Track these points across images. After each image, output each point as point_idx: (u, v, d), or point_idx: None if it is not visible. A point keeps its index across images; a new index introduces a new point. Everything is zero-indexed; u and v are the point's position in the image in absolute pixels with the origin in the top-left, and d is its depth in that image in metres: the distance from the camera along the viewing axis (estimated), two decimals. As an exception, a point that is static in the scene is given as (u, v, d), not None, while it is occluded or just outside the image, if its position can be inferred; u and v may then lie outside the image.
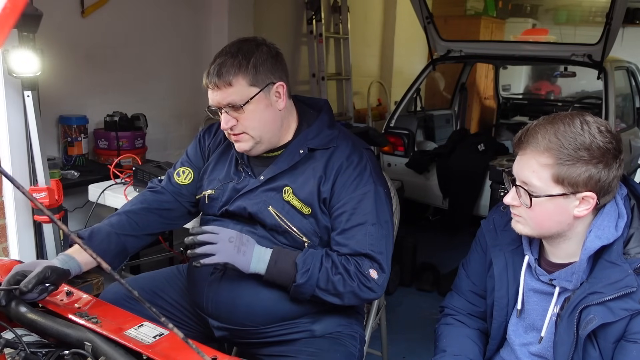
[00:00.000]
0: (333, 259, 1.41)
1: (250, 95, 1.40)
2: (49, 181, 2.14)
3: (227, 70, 1.38)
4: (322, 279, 1.39)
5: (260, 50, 1.42)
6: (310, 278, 1.38)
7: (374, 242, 1.42)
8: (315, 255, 1.41)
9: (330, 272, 1.39)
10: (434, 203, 4.25)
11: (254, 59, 1.40)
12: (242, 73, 1.39)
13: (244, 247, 1.37)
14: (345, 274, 1.40)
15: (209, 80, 1.41)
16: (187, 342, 0.81)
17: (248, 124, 1.43)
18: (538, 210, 1.19)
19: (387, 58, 6.38)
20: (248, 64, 1.39)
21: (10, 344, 1.08)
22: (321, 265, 1.40)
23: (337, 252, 1.43)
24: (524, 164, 1.20)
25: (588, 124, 1.16)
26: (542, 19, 7.23)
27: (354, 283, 1.40)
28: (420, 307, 3.26)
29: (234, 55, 1.40)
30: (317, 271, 1.39)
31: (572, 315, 1.19)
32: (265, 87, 1.42)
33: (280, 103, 1.46)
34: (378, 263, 1.42)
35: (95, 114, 3.06)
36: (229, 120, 1.43)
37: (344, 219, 1.44)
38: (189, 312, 1.63)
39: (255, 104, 1.41)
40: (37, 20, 1.91)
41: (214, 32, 3.75)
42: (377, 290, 1.42)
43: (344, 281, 1.40)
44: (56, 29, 2.73)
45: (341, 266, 1.40)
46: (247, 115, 1.42)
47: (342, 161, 1.46)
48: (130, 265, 2.90)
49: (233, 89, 1.39)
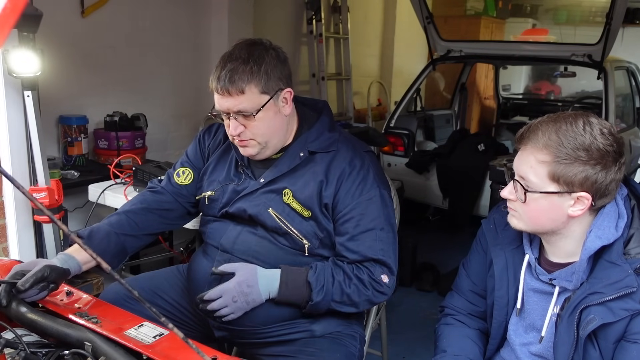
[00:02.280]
0: (344, 270, 1.42)
1: (262, 103, 1.39)
2: (49, 181, 2.14)
3: (239, 77, 1.35)
4: (337, 292, 1.40)
5: (270, 56, 1.40)
6: (325, 294, 1.39)
7: (384, 246, 1.43)
8: (325, 269, 1.42)
9: (343, 285, 1.40)
10: (434, 203, 4.26)
11: (265, 65, 1.38)
12: (255, 81, 1.36)
13: (249, 295, 1.39)
14: (359, 284, 1.41)
15: (219, 86, 1.37)
16: (187, 342, 0.80)
17: (257, 131, 1.41)
18: (532, 205, 1.20)
19: (387, 58, 6.38)
20: (260, 71, 1.37)
21: (10, 344, 1.08)
22: (334, 280, 1.40)
23: (347, 259, 1.43)
24: (523, 159, 1.21)
25: (591, 125, 1.16)
26: (542, 19, 7.23)
27: (368, 291, 1.42)
28: (420, 307, 3.26)
29: (246, 61, 1.37)
30: (331, 286, 1.40)
31: (572, 315, 1.19)
32: (275, 94, 1.40)
33: (286, 109, 1.45)
34: (388, 267, 1.44)
35: (95, 114, 3.06)
36: (238, 126, 1.41)
37: (352, 225, 1.43)
38: (189, 312, 1.62)
39: (265, 111, 1.40)
40: (37, 20, 1.91)
41: (214, 32, 3.74)
42: (388, 293, 1.45)
43: (358, 291, 1.41)
44: (56, 29, 2.73)
45: (354, 277, 1.41)
46: (257, 123, 1.40)
47: (344, 166, 1.46)
48: (130, 265, 2.90)
49: (245, 97, 1.37)
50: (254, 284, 1.38)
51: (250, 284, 1.38)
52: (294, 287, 1.40)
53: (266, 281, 1.40)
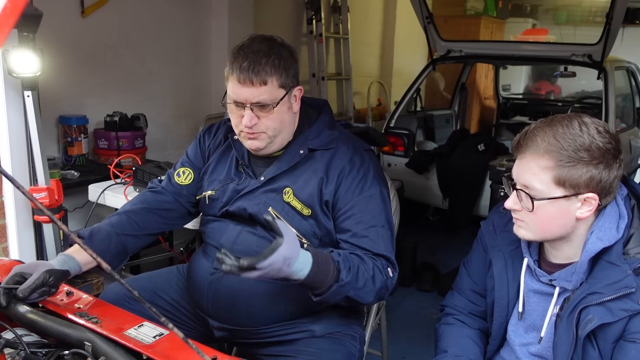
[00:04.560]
0: (359, 255, 1.38)
1: (280, 97, 1.40)
2: (49, 181, 2.14)
3: (263, 69, 1.36)
4: (361, 277, 1.34)
5: (287, 52, 1.42)
6: (352, 276, 1.32)
7: (387, 243, 1.43)
8: (344, 253, 1.36)
9: (362, 269, 1.35)
10: (434, 203, 4.26)
11: (284, 60, 1.40)
12: (277, 74, 1.38)
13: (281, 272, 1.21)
14: (375, 269, 1.37)
15: (242, 76, 1.36)
16: (187, 342, 0.81)
17: (270, 124, 1.42)
18: (540, 213, 1.19)
19: (387, 58, 6.39)
20: (280, 65, 1.38)
21: (10, 344, 1.08)
22: (356, 265, 1.35)
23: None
24: (524, 168, 1.20)
25: (586, 125, 1.16)
26: (542, 19, 7.24)
27: (383, 277, 1.39)
28: (420, 307, 3.25)
29: (267, 54, 1.38)
30: (356, 270, 1.34)
31: (571, 315, 1.19)
32: (290, 90, 1.42)
33: (295, 106, 1.47)
34: (392, 264, 1.43)
35: (95, 114, 3.06)
36: (253, 117, 1.40)
37: (353, 222, 1.43)
38: (189, 312, 1.63)
39: (281, 105, 1.41)
40: (37, 20, 1.91)
41: (214, 32, 3.74)
42: (391, 287, 1.43)
43: (374, 276, 1.36)
44: (56, 29, 2.73)
45: (370, 261, 1.38)
46: (273, 116, 1.41)
47: (344, 164, 1.46)
48: (130, 265, 2.90)
49: (266, 88, 1.38)
50: (291, 264, 1.23)
51: (289, 263, 1.22)
52: (324, 268, 1.29)
53: (302, 261, 1.25)
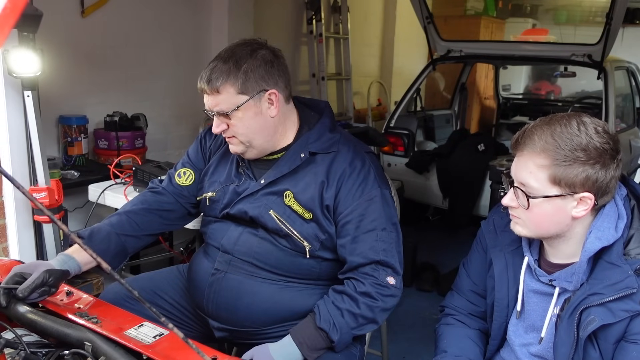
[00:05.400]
0: (346, 293, 1.40)
1: (238, 103, 1.39)
2: (49, 181, 2.14)
3: (216, 77, 1.38)
4: (351, 320, 1.38)
5: (254, 57, 1.39)
6: (341, 328, 1.37)
7: (386, 247, 1.42)
8: (327, 306, 1.39)
9: (352, 309, 1.38)
10: (434, 203, 4.26)
11: (246, 65, 1.38)
12: (231, 81, 1.37)
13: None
14: (367, 299, 1.39)
15: (200, 85, 1.42)
16: (187, 342, 0.80)
17: (236, 130, 1.43)
18: (536, 211, 1.19)
19: (387, 58, 6.38)
20: (238, 71, 1.37)
21: (10, 344, 1.08)
22: (341, 311, 1.38)
23: (349, 264, 1.42)
24: (521, 165, 1.20)
25: (585, 125, 1.16)
26: (542, 19, 7.24)
27: (378, 302, 1.39)
28: (420, 307, 3.26)
29: (226, 60, 1.38)
30: (342, 318, 1.38)
31: (572, 316, 1.19)
32: (256, 94, 1.40)
33: (272, 110, 1.43)
34: (392, 268, 1.42)
35: (95, 114, 3.06)
36: (220, 124, 1.43)
37: (353, 227, 1.42)
38: (189, 312, 1.62)
39: (243, 111, 1.40)
40: (37, 20, 1.91)
41: (214, 32, 3.75)
42: (397, 294, 1.43)
43: (369, 307, 1.39)
44: (56, 29, 2.73)
45: (359, 295, 1.39)
46: (235, 122, 1.41)
47: (345, 167, 1.45)
48: (130, 265, 2.90)
49: (221, 97, 1.39)
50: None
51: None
52: (312, 341, 1.37)
53: (283, 354, 1.37)
